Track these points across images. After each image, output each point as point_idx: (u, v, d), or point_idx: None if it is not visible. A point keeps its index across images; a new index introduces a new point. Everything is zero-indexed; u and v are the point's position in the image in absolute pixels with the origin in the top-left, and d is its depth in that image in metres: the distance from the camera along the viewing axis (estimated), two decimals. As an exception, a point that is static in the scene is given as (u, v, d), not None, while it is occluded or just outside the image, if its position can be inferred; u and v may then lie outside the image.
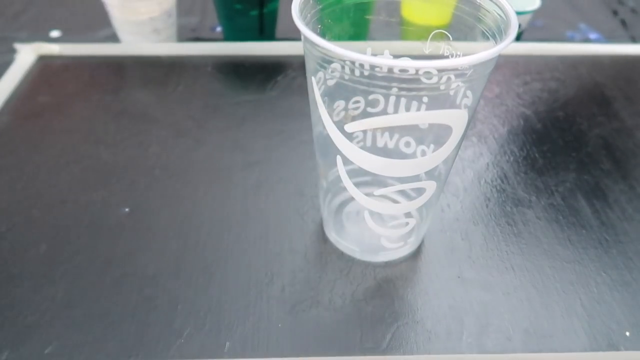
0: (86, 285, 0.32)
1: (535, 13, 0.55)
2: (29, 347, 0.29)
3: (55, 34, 0.57)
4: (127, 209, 0.37)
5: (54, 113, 0.45)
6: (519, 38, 0.57)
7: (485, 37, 0.26)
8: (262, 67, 0.51)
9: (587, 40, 0.60)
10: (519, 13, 0.53)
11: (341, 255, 0.34)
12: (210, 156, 0.41)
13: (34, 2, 0.63)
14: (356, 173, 0.28)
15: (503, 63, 0.53)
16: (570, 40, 0.60)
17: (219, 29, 0.58)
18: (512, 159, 0.42)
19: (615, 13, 0.65)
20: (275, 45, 0.54)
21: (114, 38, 0.56)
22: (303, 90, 0.29)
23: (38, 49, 0.52)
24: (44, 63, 0.51)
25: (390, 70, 0.21)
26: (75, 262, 0.33)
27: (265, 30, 0.54)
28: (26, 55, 0.51)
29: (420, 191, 0.28)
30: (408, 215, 0.30)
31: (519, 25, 0.57)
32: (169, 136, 0.43)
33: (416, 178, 0.28)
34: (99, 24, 0.58)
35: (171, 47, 0.53)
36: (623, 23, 0.63)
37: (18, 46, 0.52)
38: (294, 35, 0.24)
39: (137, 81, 0.49)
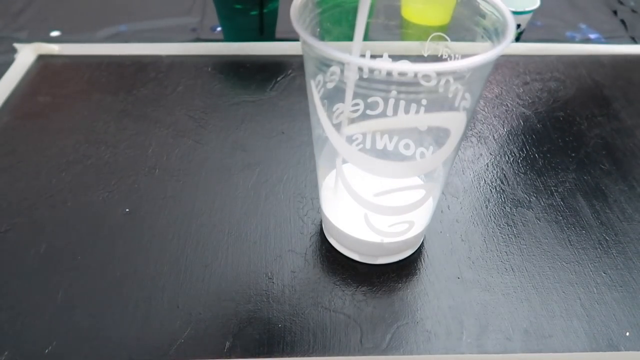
0: (86, 285, 0.32)
1: (535, 13, 0.55)
2: (29, 347, 0.29)
3: (55, 34, 0.57)
4: (127, 209, 0.37)
5: (54, 113, 0.45)
6: (518, 38, 0.57)
7: (483, 38, 0.26)
8: (262, 67, 0.51)
9: (587, 40, 0.60)
10: (519, 13, 0.53)
11: (341, 256, 0.34)
12: (210, 156, 0.41)
13: (34, 2, 0.63)
14: (355, 175, 0.28)
15: (503, 63, 0.53)
16: (570, 40, 0.60)
17: (219, 29, 0.58)
18: (511, 159, 0.42)
19: (615, 13, 0.65)
20: (275, 45, 0.54)
21: (114, 38, 0.56)
22: (303, 91, 0.29)
23: (38, 49, 0.52)
24: (44, 63, 0.51)
25: (389, 73, 0.22)
26: (75, 262, 0.33)
27: (265, 30, 0.54)
28: (26, 55, 0.51)
29: (419, 193, 0.28)
30: (408, 216, 0.30)
31: (519, 25, 0.57)
32: (169, 136, 0.43)
33: (415, 180, 0.28)
34: (99, 24, 0.58)
35: (171, 47, 0.53)
36: (623, 23, 0.63)
37: (18, 46, 0.52)
38: (294, 35, 0.24)
39: (137, 81, 0.49)
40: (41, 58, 0.52)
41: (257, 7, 0.51)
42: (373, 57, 0.29)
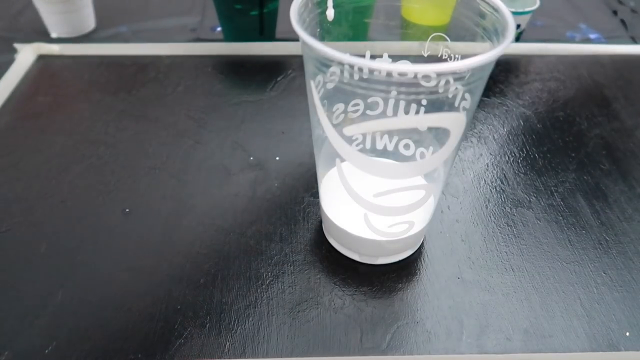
0: (86, 285, 0.32)
1: (535, 13, 0.55)
2: (29, 347, 0.29)
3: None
4: (127, 209, 0.37)
5: (54, 113, 0.45)
6: (518, 38, 0.57)
7: (483, 38, 0.26)
8: (262, 67, 0.52)
9: (587, 40, 0.60)
10: (519, 13, 0.53)
11: (341, 256, 0.34)
12: (210, 156, 0.41)
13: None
14: (355, 175, 0.28)
15: (503, 63, 0.53)
16: (570, 40, 0.60)
17: (219, 29, 0.58)
18: (511, 159, 0.42)
19: (615, 13, 0.65)
20: (275, 45, 0.54)
21: (114, 38, 0.56)
22: (303, 91, 0.29)
23: (38, 49, 0.52)
24: (44, 63, 0.51)
25: (389, 73, 0.22)
26: (75, 262, 0.33)
27: (265, 30, 0.54)
28: (26, 55, 0.51)
29: (419, 193, 0.28)
30: (408, 216, 0.30)
31: (519, 25, 0.57)
32: (169, 136, 0.43)
33: (415, 180, 0.28)
34: (99, 24, 0.58)
35: (171, 47, 0.53)
36: (623, 23, 0.63)
37: (18, 46, 0.52)
38: (294, 35, 0.24)
39: (137, 81, 0.49)
40: (41, 58, 0.52)
41: (257, 7, 0.51)
42: (373, 57, 0.29)
